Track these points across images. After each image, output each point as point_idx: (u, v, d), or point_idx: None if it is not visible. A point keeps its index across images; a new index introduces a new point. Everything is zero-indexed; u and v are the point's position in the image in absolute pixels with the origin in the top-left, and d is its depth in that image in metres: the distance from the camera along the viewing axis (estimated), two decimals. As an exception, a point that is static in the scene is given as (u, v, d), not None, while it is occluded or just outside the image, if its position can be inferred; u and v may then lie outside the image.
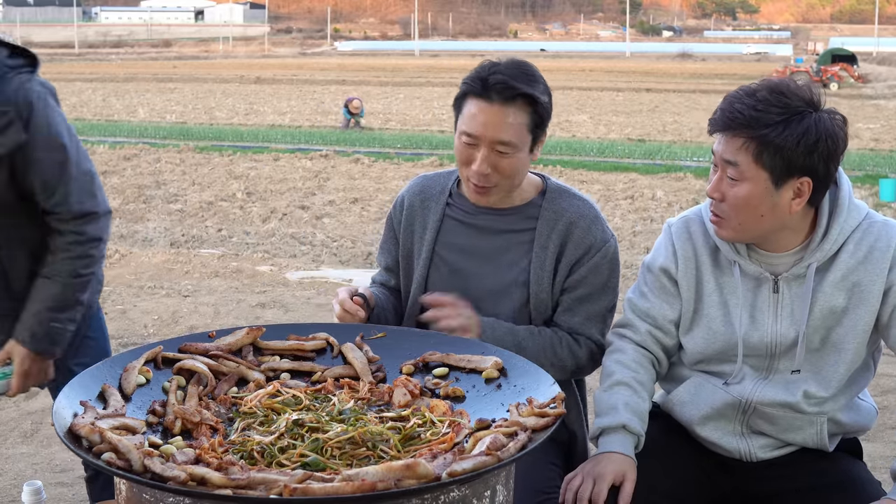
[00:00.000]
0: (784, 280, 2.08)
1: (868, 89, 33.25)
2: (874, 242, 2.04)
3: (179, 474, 1.40)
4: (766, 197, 1.97)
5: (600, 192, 11.60)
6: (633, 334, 2.24)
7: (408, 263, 2.43)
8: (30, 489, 1.92)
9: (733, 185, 1.99)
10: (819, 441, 2.13)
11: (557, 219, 2.30)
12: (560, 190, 2.36)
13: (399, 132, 19.11)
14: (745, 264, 2.10)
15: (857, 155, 15.06)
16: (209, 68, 48.96)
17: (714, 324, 2.14)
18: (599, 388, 2.21)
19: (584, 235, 2.29)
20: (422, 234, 2.40)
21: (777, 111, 1.93)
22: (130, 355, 1.87)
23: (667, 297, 2.21)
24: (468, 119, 2.21)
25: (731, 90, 2.06)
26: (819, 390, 2.08)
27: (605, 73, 44.64)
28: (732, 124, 1.96)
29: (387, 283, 2.51)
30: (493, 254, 2.34)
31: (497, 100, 2.17)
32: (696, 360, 2.19)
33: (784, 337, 2.08)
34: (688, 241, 2.18)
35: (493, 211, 2.35)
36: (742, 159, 1.96)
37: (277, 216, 10.32)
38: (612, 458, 2.06)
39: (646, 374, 2.21)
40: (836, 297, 2.05)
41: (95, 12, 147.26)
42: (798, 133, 1.92)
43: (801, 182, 1.97)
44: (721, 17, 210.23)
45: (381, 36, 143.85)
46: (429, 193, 2.43)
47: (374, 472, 1.39)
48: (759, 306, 2.10)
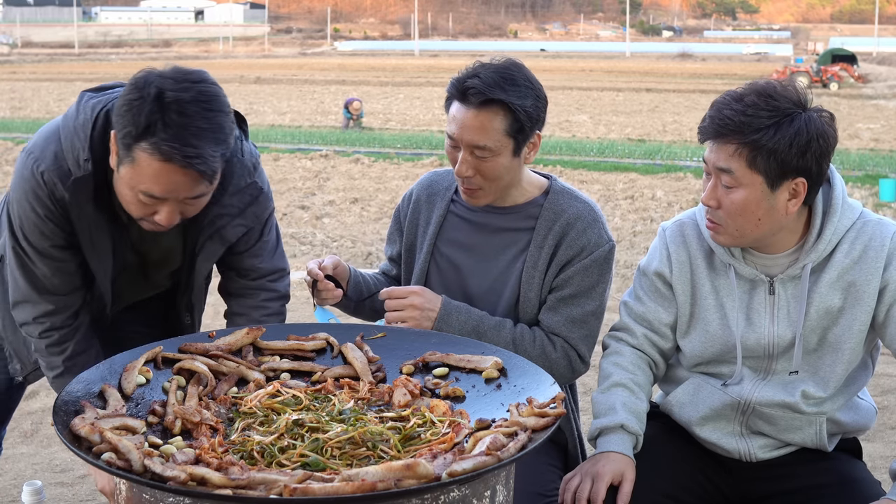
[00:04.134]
0: (780, 281, 2.07)
1: (868, 89, 33.23)
2: (868, 241, 2.04)
3: (179, 474, 1.40)
4: (762, 201, 1.97)
5: (600, 192, 11.60)
6: (629, 338, 2.24)
7: (409, 256, 2.46)
8: (30, 489, 1.92)
9: (728, 191, 1.99)
10: (818, 441, 2.13)
11: (556, 218, 2.31)
12: (563, 191, 2.36)
13: (399, 132, 19.10)
14: (740, 267, 2.10)
15: (857, 155, 15.05)
16: (209, 68, 48.58)
17: (711, 326, 2.14)
18: (597, 389, 2.22)
19: (578, 237, 2.28)
20: (425, 228, 2.42)
21: (767, 114, 1.92)
22: (130, 355, 1.87)
23: (662, 300, 2.21)
24: (450, 121, 2.24)
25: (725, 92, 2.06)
26: (817, 390, 2.08)
27: (605, 73, 44.61)
28: (723, 131, 1.96)
29: (388, 273, 2.56)
30: (491, 251, 2.35)
31: (473, 104, 2.18)
32: (695, 363, 2.19)
33: (781, 338, 2.08)
34: (682, 245, 2.18)
35: (494, 209, 2.36)
36: (735, 165, 1.96)
37: (277, 216, 10.31)
38: (610, 457, 2.06)
39: (643, 376, 2.21)
40: (831, 297, 2.05)
41: (95, 12, 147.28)
42: (790, 135, 1.92)
43: (796, 183, 1.97)
44: (721, 17, 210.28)
45: (381, 36, 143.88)
46: (436, 189, 2.46)
47: (374, 472, 1.39)
48: (755, 308, 2.10)
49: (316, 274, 2.29)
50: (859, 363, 2.13)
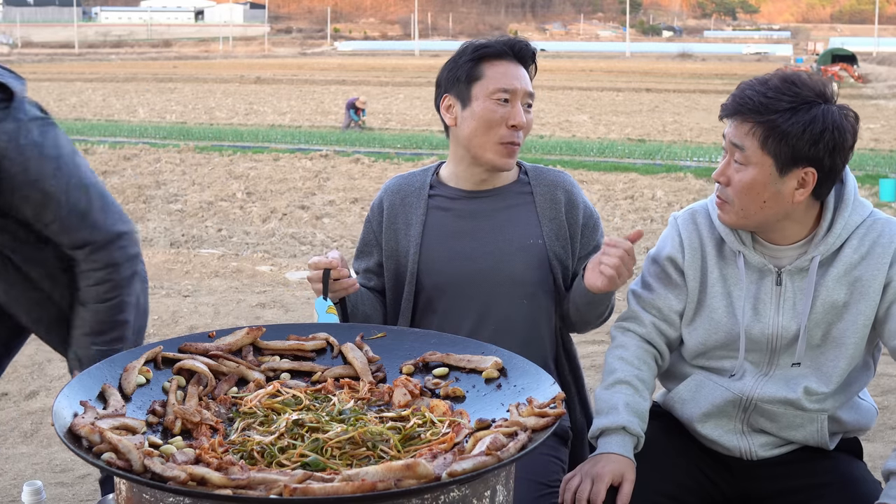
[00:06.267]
0: (787, 273, 2.08)
1: (868, 89, 33.24)
2: (877, 238, 2.05)
3: (179, 474, 1.40)
4: (769, 184, 1.99)
5: (600, 192, 11.60)
6: (637, 327, 2.24)
7: (395, 262, 2.43)
8: (30, 489, 1.92)
9: (739, 169, 2.01)
10: (820, 439, 2.13)
11: (554, 189, 2.41)
12: (537, 167, 2.49)
13: (399, 132, 19.11)
14: (750, 255, 2.11)
15: (857, 155, 14.91)
16: (209, 68, 48.97)
17: (716, 314, 2.14)
18: (601, 385, 2.21)
19: (577, 199, 2.42)
20: (406, 230, 2.42)
21: (787, 99, 1.95)
22: (130, 355, 1.87)
23: (672, 287, 2.21)
24: (500, 77, 2.31)
25: (732, 89, 2.08)
26: (819, 386, 2.09)
27: (605, 73, 44.64)
28: (742, 109, 1.99)
29: (366, 284, 2.49)
30: (488, 234, 2.37)
31: (519, 59, 2.34)
32: (697, 353, 2.19)
33: (786, 329, 2.09)
34: (694, 232, 2.20)
35: (482, 193, 2.40)
36: (748, 144, 1.98)
37: (277, 216, 10.32)
38: (611, 458, 2.06)
39: (648, 372, 2.20)
40: (837, 292, 2.06)
41: (95, 12, 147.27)
42: (805, 121, 1.94)
43: (806, 172, 1.98)
44: (721, 17, 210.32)
45: (381, 36, 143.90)
46: (408, 191, 2.46)
47: (374, 472, 1.39)
48: (761, 298, 2.11)
49: (328, 263, 2.17)
50: (861, 364, 2.13)
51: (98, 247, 2.40)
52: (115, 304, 2.44)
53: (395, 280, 2.44)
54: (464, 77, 2.33)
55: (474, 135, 2.32)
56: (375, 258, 2.48)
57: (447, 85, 2.37)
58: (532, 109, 2.37)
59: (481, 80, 2.32)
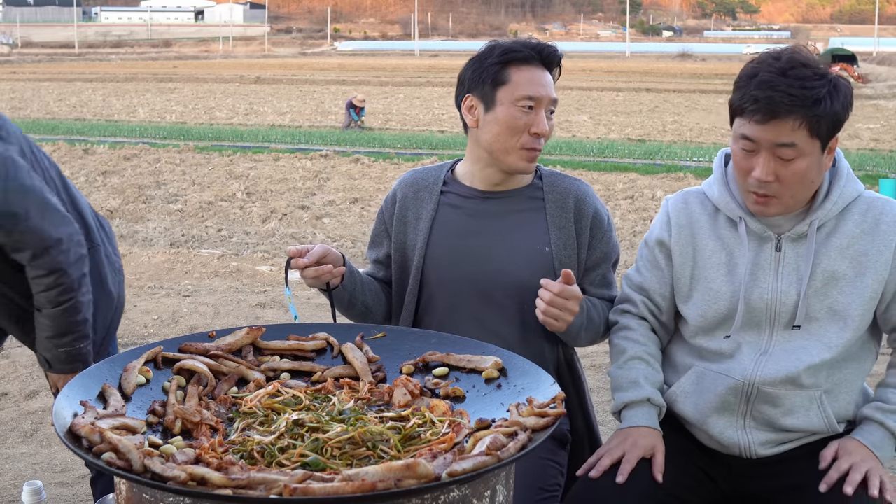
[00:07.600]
0: (787, 239, 2.11)
1: (868, 89, 33.22)
2: (880, 215, 2.10)
3: (179, 474, 1.40)
4: (817, 163, 2.03)
5: (600, 193, 11.59)
6: (632, 307, 2.30)
7: (402, 255, 2.44)
8: (30, 489, 1.92)
9: (789, 163, 2.01)
10: (827, 423, 2.12)
11: (566, 196, 2.39)
12: (553, 172, 2.47)
13: (399, 132, 19.11)
14: (750, 221, 2.13)
15: (856, 155, 15.05)
16: (209, 68, 48.96)
17: (714, 284, 2.16)
18: (613, 365, 2.26)
19: (588, 208, 2.39)
20: (416, 224, 2.42)
21: (819, 83, 1.97)
22: (130, 355, 1.87)
23: (656, 271, 2.26)
24: (526, 84, 2.28)
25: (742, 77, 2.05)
26: (821, 353, 2.08)
27: (605, 73, 44.64)
28: (781, 109, 1.96)
29: (374, 275, 2.52)
30: (496, 236, 2.36)
31: (545, 65, 2.33)
32: (697, 330, 2.20)
33: (785, 294, 2.10)
34: (683, 210, 2.23)
35: (495, 194, 2.39)
36: (798, 138, 1.98)
37: (277, 216, 10.31)
38: (641, 431, 2.11)
39: (655, 347, 2.27)
40: (839, 263, 2.08)
41: (95, 12, 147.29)
42: (841, 98, 2.00)
43: (836, 138, 2.04)
44: (721, 17, 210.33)
45: (381, 36, 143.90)
46: (421, 185, 2.45)
47: (374, 472, 1.39)
48: (760, 265, 2.12)
49: (290, 253, 2.21)
50: (864, 341, 2.14)
51: (38, 253, 2.44)
52: (69, 307, 2.48)
53: (401, 273, 2.45)
54: (489, 80, 2.30)
55: (496, 139, 2.31)
56: (385, 249, 2.49)
57: (471, 85, 2.34)
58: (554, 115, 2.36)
59: (507, 85, 2.29)
